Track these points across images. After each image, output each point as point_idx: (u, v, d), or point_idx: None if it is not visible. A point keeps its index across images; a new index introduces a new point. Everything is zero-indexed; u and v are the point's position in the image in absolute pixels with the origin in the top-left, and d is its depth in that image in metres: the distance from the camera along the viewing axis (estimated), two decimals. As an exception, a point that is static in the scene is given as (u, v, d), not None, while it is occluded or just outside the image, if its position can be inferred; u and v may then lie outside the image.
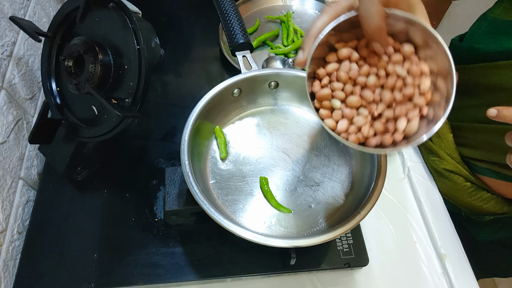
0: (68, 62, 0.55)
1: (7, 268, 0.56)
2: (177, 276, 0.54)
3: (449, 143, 0.67)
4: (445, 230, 0.64)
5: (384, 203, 0.64)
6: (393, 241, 0.59)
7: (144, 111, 0.65)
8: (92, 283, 0.53)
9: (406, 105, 0.40)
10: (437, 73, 0.40)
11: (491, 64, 0.57)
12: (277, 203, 0.53)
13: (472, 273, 0.59)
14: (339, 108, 0.42)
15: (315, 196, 0.55)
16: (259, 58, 0.81)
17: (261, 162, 0.56)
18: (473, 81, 0.61)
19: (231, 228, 0.44)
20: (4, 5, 0.61)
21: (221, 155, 0.55)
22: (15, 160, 0.61)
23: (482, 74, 0.59)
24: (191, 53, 0.84)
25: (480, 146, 0.62)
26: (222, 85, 0.56)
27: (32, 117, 0.68)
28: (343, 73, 0.41)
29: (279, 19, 0.86)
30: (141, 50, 0.52)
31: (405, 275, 0.58)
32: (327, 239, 0.44)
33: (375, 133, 0.41)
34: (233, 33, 0.62)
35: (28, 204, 0.63)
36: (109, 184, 0.63)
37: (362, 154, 0.55)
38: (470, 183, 0.65)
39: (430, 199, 0.67)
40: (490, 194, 0.64)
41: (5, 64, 0.60)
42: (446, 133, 0.67)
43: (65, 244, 0.57)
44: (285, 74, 0.59)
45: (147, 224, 0.59)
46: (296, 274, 0.57)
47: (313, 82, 0.43)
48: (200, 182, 0.52)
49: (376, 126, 0.41)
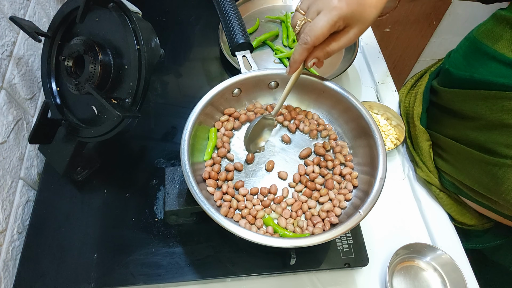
0: (68, 62, 0.55)
1: (7, 268, 0.56)
2: (177, 276, 0.54)
3: (425, 152, 0.67)
4: (445, 230, 0.64)
5: (384, 203, 0.64)
6: (393, 241, 0.59)
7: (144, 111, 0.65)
8: (92, 283, 0.53)
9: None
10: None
11: (464, 92, 0.58)
12: (294, 233, 0.50)
13: (472, 272, 0.59)
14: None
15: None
16: (259, 58, 0.81)
17: (261, 161, 0.56)
18: (450, 104, 0.62)
19: (231, 228, 0.44)
20: (4, 5, 0.61)
21: (205, 157, 0.55)
22: (15, 160, 0.61)
23: (457, 99, 0.60)
24: (191, 53, 0.84)
25: (451, 162, 0.63)
26: (222, 85, 0.56)
27: (32, 117, 0.68)
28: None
29: (279, 19, 0.86)
30: (141, 50, 0.52)
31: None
32: (327, 239, 0.44)
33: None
34: (233, 33, 0.62)
35: (28, 204, 0.63)
36: (109, 184, 0.63)
37: (362, 154, 0.55)
38: (443, 193, 0.66)
39: (430, 199, 0.67)
40: (461, 206, 0.65)
41: (5, 64, 0.60)
42: (422, 141, 0.67)
43: (65, 244, 0.57)
44: (285, 74, 0.59)
45: (147, 224, 0.59)
46: (296, 274, 0.57)
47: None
48: (200, 182, 0.52)
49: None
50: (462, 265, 0.58)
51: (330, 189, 0.53)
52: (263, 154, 0.57)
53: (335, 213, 0.50)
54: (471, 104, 0.56)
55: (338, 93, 0.56)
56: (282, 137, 0.58)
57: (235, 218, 0.50)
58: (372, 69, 0.84)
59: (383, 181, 0.48)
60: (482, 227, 0.66)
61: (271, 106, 0.61)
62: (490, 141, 0.54)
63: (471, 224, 0.65)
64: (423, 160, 0.67)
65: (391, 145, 0.71)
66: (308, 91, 0.59)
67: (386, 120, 0.74)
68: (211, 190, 0.52)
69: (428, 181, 0.66)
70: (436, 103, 0.67)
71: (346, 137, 0.58)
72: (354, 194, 0.53)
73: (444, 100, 0.64)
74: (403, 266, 0.58)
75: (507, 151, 0.51)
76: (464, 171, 0.59)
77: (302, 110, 0.61)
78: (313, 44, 0.48)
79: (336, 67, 0.79)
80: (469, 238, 0.67)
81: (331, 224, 0.50)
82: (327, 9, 0.46)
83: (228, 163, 0.56)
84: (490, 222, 0.65)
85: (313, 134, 0.58)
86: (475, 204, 0.62)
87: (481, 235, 0.67)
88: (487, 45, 0.54)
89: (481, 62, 0.55)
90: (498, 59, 0.52)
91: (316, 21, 0.47)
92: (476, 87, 0.55)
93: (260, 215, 0.50)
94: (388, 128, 0.73)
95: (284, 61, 0.79)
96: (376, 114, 0.75)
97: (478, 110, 0.55)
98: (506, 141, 0.51)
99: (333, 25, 0.46)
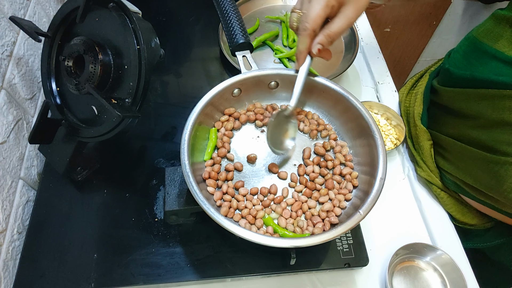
0: (68, 62, 0.55)
1: (7, 268, 0.56)
2: (177, 276, 0.54)
3: (426, 151, 0.67)
4: (445, 230, 0.64)
5: (384, 203, 0.64)
6: (393, 241, 0.59)
7: (144, 111, 0.65)
8: (92, 283, 0.53)
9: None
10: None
11: (465, 91, 0.58)
12: (294, 233, 0.51)
13: (472, 272, 0.59)
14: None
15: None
16: (259, 58, 0.81)
17: (262, 161, 0.56)
18: (451, 103, 0.62)
19: (231, 228, 0.44)
20: (4, 5, 0.61)
21: (205, 157, 0.55)
22: (15, 160, 0.61)
23: (457, 98, 0.60)
24: (191, 53, 0.84)
25: (452, 161, 0.63)
26: (222, 85, 0.56)
27: (32, 117, 0.68)
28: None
29: (279, 19, 0.86)
30: (141, 50, 0.52)
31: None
32: (327, 239, 0.44)
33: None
34: (233, 33, 0.62)
35: (28, 204, 0.63)
36: (109, 184, 0.63)
37: (362, 154, 0.55)
38: (444, 192, 0.66)
39: (430, 199, 0.67)
40: (462, 206, 0.65)
41: (5, 64, 0.60)
42: (423, 141, 0.67)
43: (65, 244, 0.57)
44: (285, 74, 0.58)
45: (147, 224, 0.59)
46: (296, 274, 0.57)
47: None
48: (200, 182, 0.52)
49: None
50: (462, 265, 0.58)
51: (330, 189, 0.53)
52: (263, 154, 0.57)
53: (335, 213, 0.51)
54: (472, 103, 0.56)
55: (338, 93, 0.56)
56: None
57: (235, 218, 0.50)
58: (372, 69, 0.84)
59: (383, 181, 0.48)
60: (483, 226, 0.66)
61: (271, 106, 0.61)
62: (492, 139, 0.54)
63: (472, 223, 0.65)
64: (424, 160, 0.67)
65: (391, 145, 0.71)
66: (308, 91, 0.59)
67: (386, 120, 0.74)
68: (211, 190, 0.52)
69: (429, 181, 0.66)
70: (437, 102, 0.67)
71: (346, 137, 0.58)
72: (354, 194, 0.53)
73: (444, 99, 0.64)
74: (403, 266, 0.58)
75: (509, 149, 0.51)
76: (466, 170, 0.59)
77: (302, 110, 0.61)
78: (312, 28, 0.48)
79: (336, 67, 0.79)
80: (470, 237, 0.67)
81: (331, 224, 0.50)
82: None
83: (228, 163, 0.56)
84: (491, 221, 0.65)
85: (313, 134, 0.58)
86: (476, 203, 0.62)
87: (482, 234, 0.67)
88: (487, 45, 0.54)
89: (481, 61, 0.55)
90: (498, 58, 0.53)
91: (310, 6, 0.47)
92: (477, 86, 0.55)
93: (260, 215, 0.50)
94: (388, 128, 0.73)
95: (284, 61, 0.79)
96: (376, 114, 0.75)
97: (479, 109, 0.55)
98: (507, 139, 0.51)
99: (327, 5, 0.47)
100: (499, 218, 0.63)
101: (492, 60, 0.54)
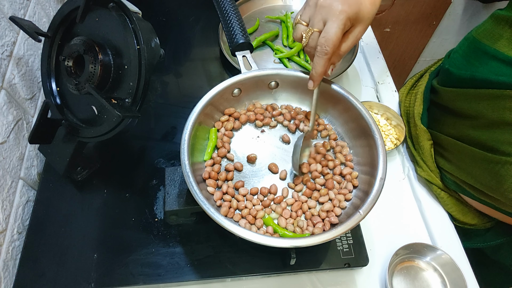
0: (68, 62, 0.55)
1: (7, 268, 0.56)
2: (177, 276, 0.54)
3: (426, 151, 0.67)
4: (445, 230, 0.64)
5: (384, 203, 0.64)
6: (393, 241, 0.59)
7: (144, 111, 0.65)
8: (92, 283, 0.53)
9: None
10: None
11: (465, 91, 0.58)
12: (294, 233, 0.50)
13: (472, 272, 0.59)
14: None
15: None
16: (259, 58, 0.81)
17: (262, 161, 0.56)
18: (451, 103, 0.62)
19: (231, 228, 0.44)
20: (4, 5, 0.61)
21: (205, 157, 0.55)
22: (15, 160, 0.61)
23: (457, 98, 0.60)
24: (191, 53, 0.84)
25: (453, 161, 0.63)
26: (222, 85, 0.56)
27: (32, 117, 0.68)
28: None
29: (279, 19, 0.86)
30: (141, 50, 0.52)
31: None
32: (327, 239, 0.44)
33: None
34: (233, 33, 0.62)
35: (28, 204, 0.63)
36: (109, 184, 0.63)
37: (362, 154, 0.55)
38: (444, 192, 0.66)
39: (430, 199, 0.67)
40: (463, 205, 0.64)
41: (5, 64, 0.60)
42: (423, 141, 0.67)
43: (65, 244, 0.57)
44: (285, 74, 0.59)
45: (147, 224, 0.59)
46: (296, 274, 0.57)
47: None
48: (200, 182, 0.52)
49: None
50: (462, 265, 0.58)
51: (330, 189, 0.53)
52: (263, 154, 0.57)
53: (335, 213, 0.51)
54: (472, 103, 0.56)
55: (338, 93, 0.56)
56: (282, 137, 0.58)
57: (235, 218, 0.50)
58: (372, 69, 0.84)
59: (383, 181, 0.48)
60: (483, 226, 0.66)
61: (271, 106, 0.61)
62: (492, 139, 0.54)
63: (472, 223, 0.65)
64: (424, 160, 0.67)
65: (391, 145, 0.71)
66: (308, 91, 0.59)
67: (386, 120, 0.74)
68: (211, 190, 0.52)
69: (429, 181, 0.66)
70: (437, 102, 0.67)
71: (346, 137, 0.58)
72: (354, 194, 0.53)
73: (444, 99, 0.64)
74: (403, 266, 0.58)
75: (509, 149, 0.51)
76: (466, 169, 0.59)
77: (302, 110, 0.61)
78: (332, 53, 0.49)
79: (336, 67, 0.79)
80: (470, 237, 0.67)
81: (331, 224, 0.50)
82: (333, 15, 0.47)
83: (228, 163, 0.56)
84: (492, 221, 0.65)
85: (313, 134, 0.58)
86: (476, 202, 0.62)
87: (482, 234, 0.67)
88: (487, 45, 0.54)
89: (481, 61, 0.55)
90: (498, 58, 0.53)
91: (328, 29, 0.48)
92: (477, 86, 0.55)
93: (260, 215, 0.50)
94: (388, 128, 0.73)
95: (284, 61, 0.79)
96: (376, 114, 0.75)
97: (479, 109, 0.55)
98: (508, 139, 0.51)
99: (344, 28, 0.48)
100: (500, 218, 0.63)
101: (492, 60, 0.54)
